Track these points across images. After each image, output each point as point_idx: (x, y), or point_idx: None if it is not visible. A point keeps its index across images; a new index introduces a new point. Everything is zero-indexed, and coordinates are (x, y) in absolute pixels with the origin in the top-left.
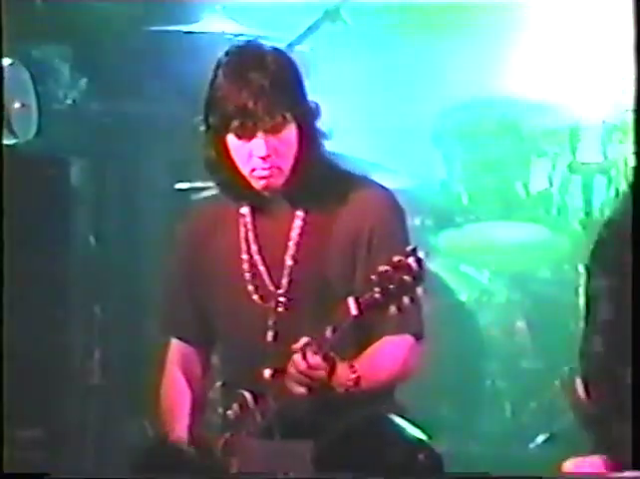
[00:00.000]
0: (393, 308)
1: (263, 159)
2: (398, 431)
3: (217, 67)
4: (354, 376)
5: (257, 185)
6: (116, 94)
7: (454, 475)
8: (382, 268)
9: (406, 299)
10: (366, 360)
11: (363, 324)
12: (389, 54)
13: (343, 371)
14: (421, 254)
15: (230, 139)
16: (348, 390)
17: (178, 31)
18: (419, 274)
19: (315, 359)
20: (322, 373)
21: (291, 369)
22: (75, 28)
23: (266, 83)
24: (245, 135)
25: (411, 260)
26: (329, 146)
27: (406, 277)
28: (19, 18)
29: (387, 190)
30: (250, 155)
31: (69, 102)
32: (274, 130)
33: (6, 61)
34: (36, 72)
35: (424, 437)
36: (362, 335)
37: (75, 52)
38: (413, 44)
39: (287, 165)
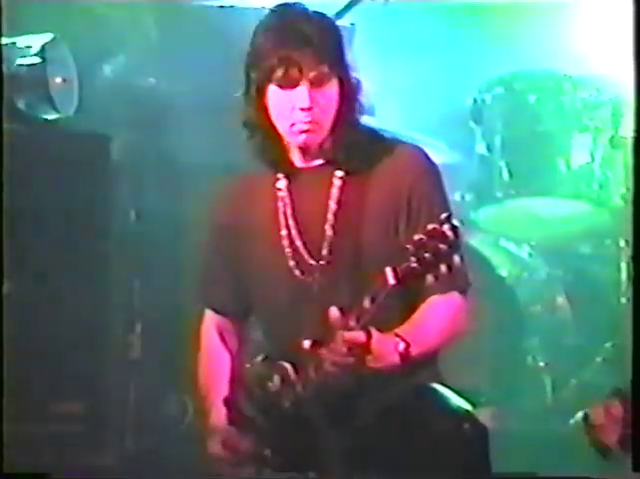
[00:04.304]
0: (430, 277)
1: (305, 110)
2: (443, 401)
3: (259, 26)
4: (403, 346)
5: (296, 140)
6: (156, 69)
7: (500, 475)
8: (417, 237)
9: (443, 268)
10: (415, 326)
11: (404, 291)
12: (429, 30)
13: (387, 343)
14: (455, 222)
15: (272, 90)
16: (403, 361)
17: (219, 6)
18: (454, 242)
19: (351, 334)
20: (360, 349)
21: (329, 354)
22: (113, 5)
23: (313, 35)
24: (289, 84)
25: (446, 228)
26: (370, 122)
27: (441, 246)
28: None
29: (420, 148)
30: (292, 108)
31: (110, 77)
32: (318, 81)
33: (47, 36)
34: (76, 48)
35: (469, 407)
36: (404, 301)
37: (115, 28)
38: (453, 19)
39: (327, 121)
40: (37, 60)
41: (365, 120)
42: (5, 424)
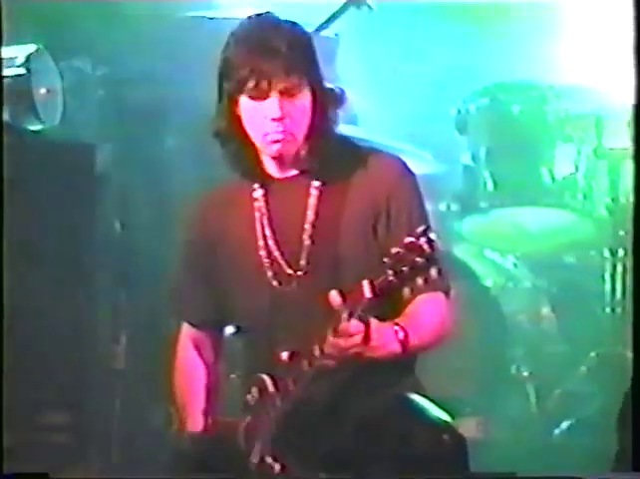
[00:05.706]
0: (407, 290)
1: (277, 121)
2: (422, 412)
3: (231, 37)
4: (403, 334)
5: (270, 151)
6: (141, 80)
7: (480, 475)
8: (394, 250)
9: (420, 281)
10: (409, 318)
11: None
12: (414, 39)
13: (387, 331)
14: (432, 235)
15: (244, 102)
16: (404, 350)
17: (203, 17)
18: (431, 256)
19: (352, 325)
20: (358, 338)
21: (328, 344)
22: (100, 14)
23: (282, 46)
24: (259, 95)
25: (422, 242)
26: (354, 131)
27: (418, 259)
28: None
29: (397, 157)
30: (264, 118)
31: (94, 88)
32: (289, 92)
33: (31, 47)
34: (61, 58)
35: (447, 418)
36: (390, 303)
37: (100, 38)
38: (438, 29)
39: (300, 132)
40: (22, 71)
41: (345, 129)
42: None
